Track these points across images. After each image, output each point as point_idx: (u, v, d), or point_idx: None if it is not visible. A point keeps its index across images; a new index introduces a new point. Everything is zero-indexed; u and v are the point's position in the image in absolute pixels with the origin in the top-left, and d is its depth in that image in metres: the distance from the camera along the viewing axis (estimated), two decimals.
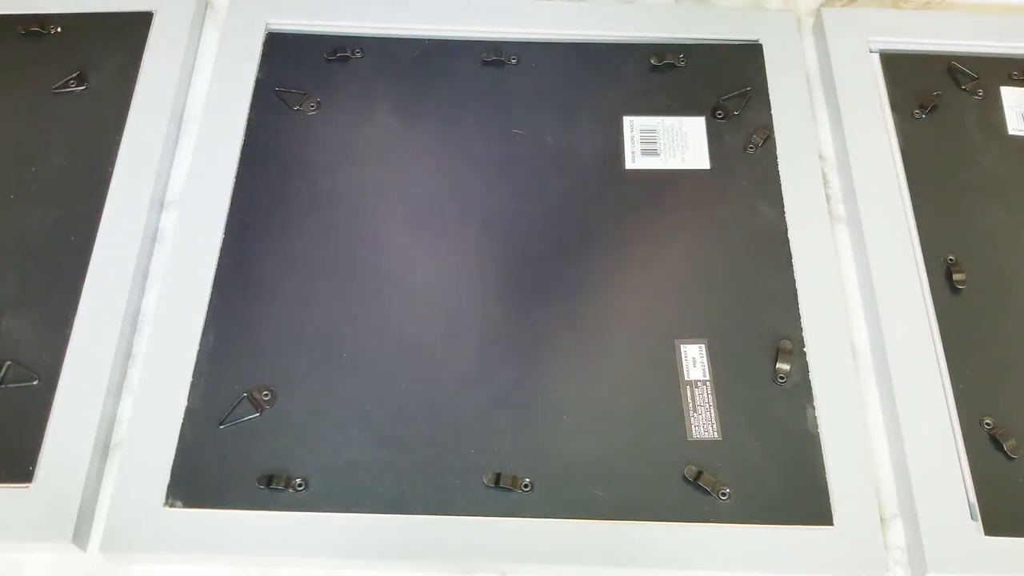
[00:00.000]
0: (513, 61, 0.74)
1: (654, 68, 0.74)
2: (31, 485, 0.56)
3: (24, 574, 0.56)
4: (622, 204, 0.68)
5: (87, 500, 0.57)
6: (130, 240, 0.64)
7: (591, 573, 0.56)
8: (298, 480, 0.57)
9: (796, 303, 0.63)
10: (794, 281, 0.64)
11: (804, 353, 0.62)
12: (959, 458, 0.58)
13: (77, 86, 0.70)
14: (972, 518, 0.56)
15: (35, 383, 0.59)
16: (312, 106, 0.71)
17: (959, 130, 0.71)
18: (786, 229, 0.66)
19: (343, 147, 0.69)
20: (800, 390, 0.60)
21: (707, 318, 0.63)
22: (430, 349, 0.61)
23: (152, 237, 0.66)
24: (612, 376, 0.61)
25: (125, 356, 0.62)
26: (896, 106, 0.72)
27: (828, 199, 0.69)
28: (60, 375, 0.59)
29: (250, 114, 0.70)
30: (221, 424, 0.58)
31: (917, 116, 0.72)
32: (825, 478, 0.57)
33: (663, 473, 0.57)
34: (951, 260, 0.65)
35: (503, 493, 0.57)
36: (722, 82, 0.73)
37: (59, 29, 0.73)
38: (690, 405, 0.60)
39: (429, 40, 0.75)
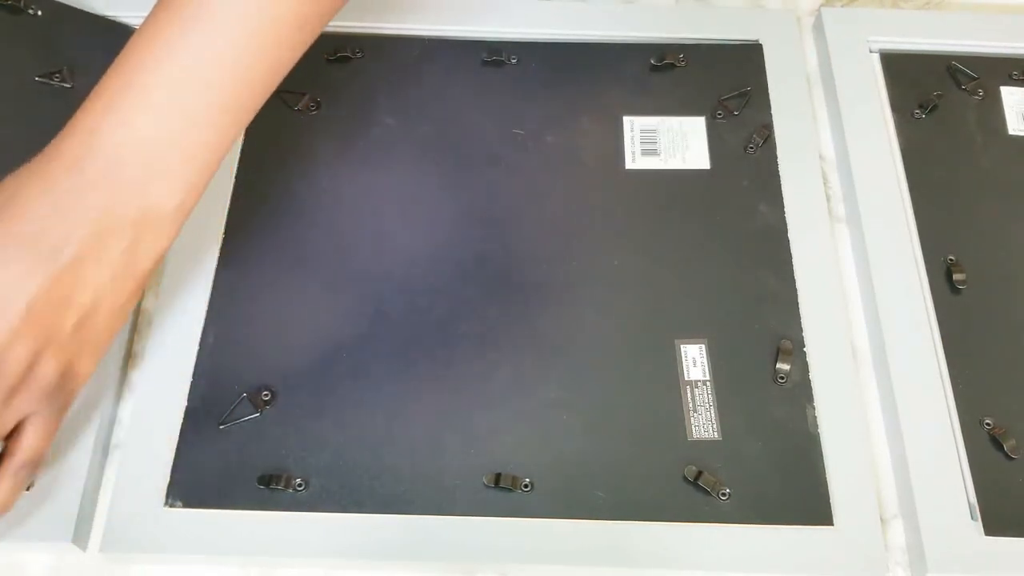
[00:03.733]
0: (513, 61, 0.74)
1: (654, 68, 0.74)
2: (31, 485, 0.56)
3: (24, 574, 0.56)
4: (622, 204, 0.68)
5: (87, 500, 0.56)
6: None
7: (591, 573, 0.56)
8: (298, 480, 0.56)
9: (796, 303, 0.63)
10: (794, 281, 0.64)
11: (804, 353, 0.62)
12: (959, 458, 0.58)
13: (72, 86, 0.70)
14: (972, 518, 0.56)
15: None
16: (312, 106, 0.71)
17: (959, 130, 0.71)
18: (786, 229, 0.66)
19: (343, 147, 0.69)
20: (800, 390, 0.60)
21: (707, 318, 0.63)
22: (430, 349, 0.61)
23: None
24: (612, 376, 0.61)
25: (125, 356, 0.62)
26: (896, 106, 0.72)
27: (828, 199, 0.69)
28: None
29: None
30: (221, 424, 0.58)
31: (917, 116, 0.71)
32: (825, 478, 0.57)
33: (663, 473, 0.57)
34: (951, 260, 0.65)
35: (503, 493, 0.57)
36: (722, 82, 0.73)
37: (39, 13, 0.70)
38: (690, 405, 0.60)
39: (429, 40, 0.75)
